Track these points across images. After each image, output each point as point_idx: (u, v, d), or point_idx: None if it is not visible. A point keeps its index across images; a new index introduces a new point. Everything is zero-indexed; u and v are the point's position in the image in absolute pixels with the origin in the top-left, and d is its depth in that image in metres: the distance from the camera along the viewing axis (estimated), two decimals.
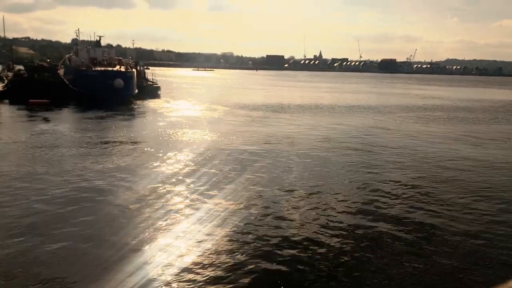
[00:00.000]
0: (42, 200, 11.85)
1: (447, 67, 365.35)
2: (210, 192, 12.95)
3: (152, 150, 18.99)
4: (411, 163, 17.96)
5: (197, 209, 11.52)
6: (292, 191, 13.49)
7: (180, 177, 14.59)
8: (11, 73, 47.66)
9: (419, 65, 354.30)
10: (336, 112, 38.19)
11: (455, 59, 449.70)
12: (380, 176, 15.59)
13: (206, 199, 12.29)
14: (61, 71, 49.05)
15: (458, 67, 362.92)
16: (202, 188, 13.33)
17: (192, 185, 13.64)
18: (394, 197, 13.26)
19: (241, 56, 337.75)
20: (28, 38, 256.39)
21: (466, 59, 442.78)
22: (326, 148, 20.85)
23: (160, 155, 17.96)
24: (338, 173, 15.96)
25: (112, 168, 15.66)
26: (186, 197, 12.49)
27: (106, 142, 20.81)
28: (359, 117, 35.22)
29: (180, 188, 13.39)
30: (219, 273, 8.14)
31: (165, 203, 11.91)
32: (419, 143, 23.09)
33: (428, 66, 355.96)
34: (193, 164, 16.53)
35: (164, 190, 13.07)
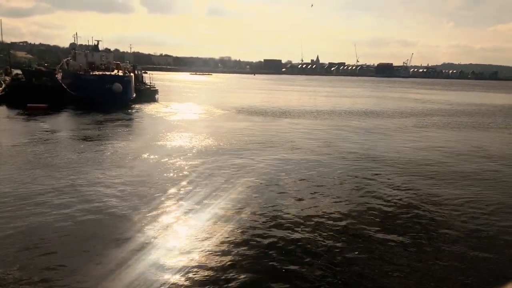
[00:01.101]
0: (41, 196, 11.79)
1: (443, 71, 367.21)
2: (207, 194, 12.96)
3: (150, 151, 18.84)
4: (412, 165, 17.88)
5: (193, 210, 11.61)
6: (291, 192, 13.41)
7: (179, 178, 14.48)
8: (9, 78, 47.53)
9: (415, 69, 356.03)
10: (335, 116, 38.12)
11: (451, 63, 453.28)
12: (379, 178, 15.50)
13: (202, 202, 12.26)
14: (59, 76, 48.89)
15: (455, 71, 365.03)
16: (200, 191, 13.26)
17: (190, 186, 13.55)
18: (393, 199, 13.18)
19: (239, 60, 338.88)
20: (26, 42, 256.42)
21: (462, 63, 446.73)
22: (326, 151, 20.73)
23: (158, 156, 17.85)
24: (338, 176, 15.83)
25: (111, 167, 15.57)
26: (185, 197, 12.43)
27: (105, 145, 20.62)
28: (359, 120, 35.21)
29: (178, 188, 13.30)
30: (217, 269, 8.13)
31: (162, 205, 11.83)
32: (419, 146, 23.05)
33: (425, 70, 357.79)
34: (191, 165, 16.45)
35: (161, 191, 12.97)
